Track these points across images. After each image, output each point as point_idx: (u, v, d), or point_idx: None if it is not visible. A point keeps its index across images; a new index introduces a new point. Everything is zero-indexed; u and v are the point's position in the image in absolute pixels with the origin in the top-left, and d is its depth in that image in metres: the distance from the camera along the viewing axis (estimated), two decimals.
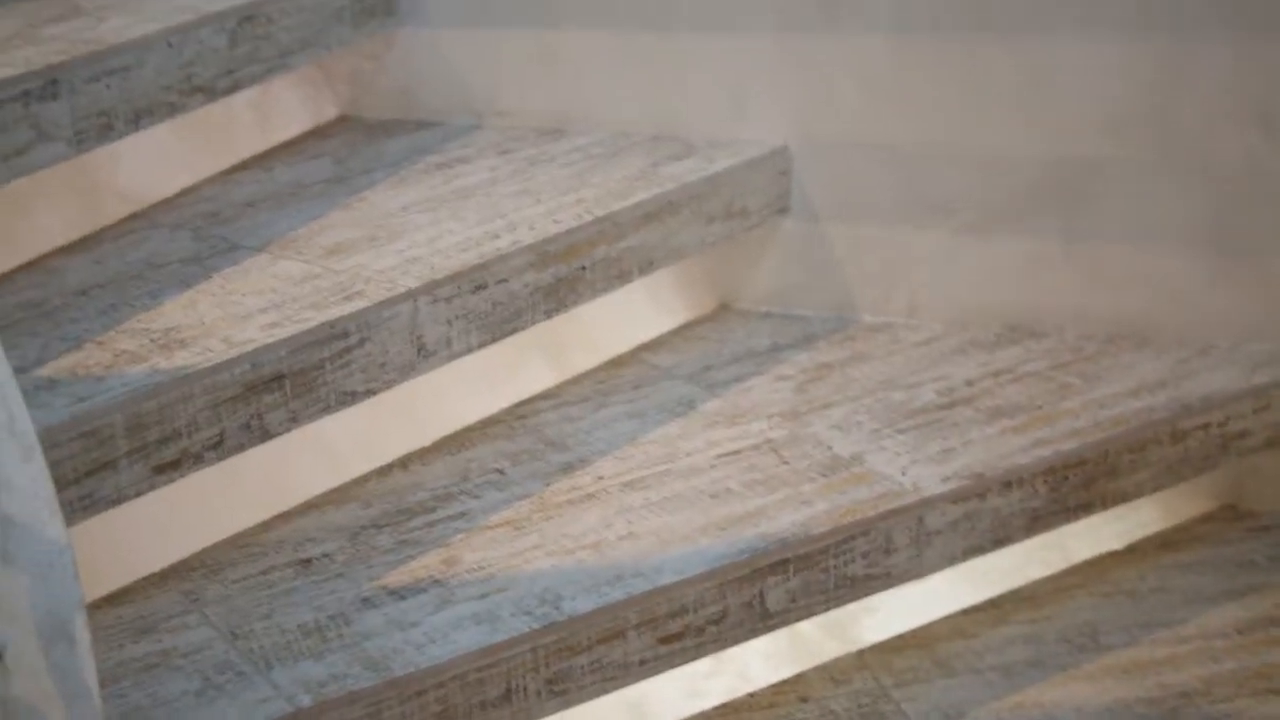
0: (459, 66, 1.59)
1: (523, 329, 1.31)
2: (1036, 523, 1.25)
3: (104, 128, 1.29)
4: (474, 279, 1.26)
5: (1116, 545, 1.36)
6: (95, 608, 1.15)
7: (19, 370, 1.13)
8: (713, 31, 1.46)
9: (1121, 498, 1.28)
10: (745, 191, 1.44)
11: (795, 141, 1.46)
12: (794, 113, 1.45)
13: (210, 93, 1.39)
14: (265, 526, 1.25)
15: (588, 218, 1.34)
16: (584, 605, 1.11)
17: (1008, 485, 1.23)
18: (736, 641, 1.16)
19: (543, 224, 1.33)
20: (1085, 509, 1.27)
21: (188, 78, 1.36)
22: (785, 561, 1.16)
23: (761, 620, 1.16)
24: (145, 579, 1.20)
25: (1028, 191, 1.39)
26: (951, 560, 1.23)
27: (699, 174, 1.42)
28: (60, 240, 1.41)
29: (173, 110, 1.35)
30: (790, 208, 1.48)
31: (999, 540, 1.24)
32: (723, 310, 1.54)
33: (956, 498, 1.21)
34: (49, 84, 1.23)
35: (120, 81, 1.30)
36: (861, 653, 1.25)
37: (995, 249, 1.41)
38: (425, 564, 1.18)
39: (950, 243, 1.43)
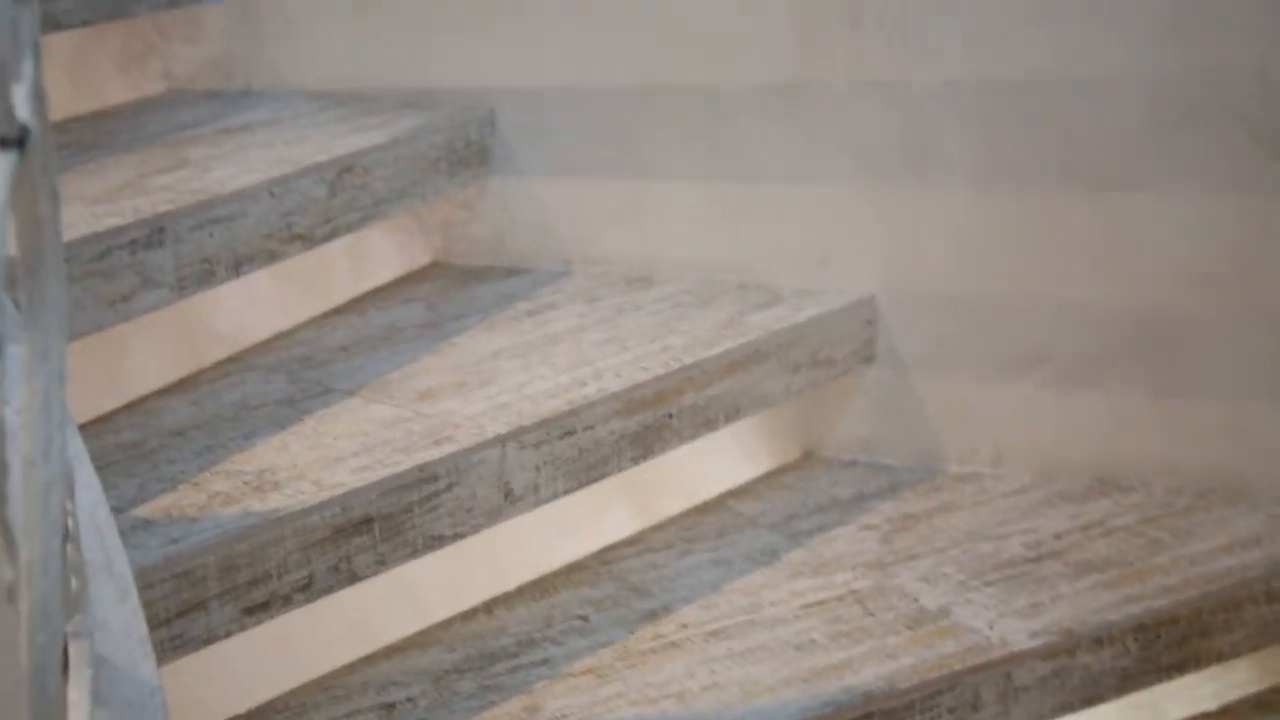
0: (549, 214, 1.63)
1: (609, 475, 1.32)
2: (1128, 681, 1.23)
3: (206, 274, 1.33)
4: (562, 425, 1.28)
5: (1211, 706, 1.33)
6: None
7: (116, 510, 1.15)
8: (799, 183, 1.48)
9: (1216, 657, 1.26)
10: (831, 340, 1.45)
11: (881, 291, 1.47)
12: (880, 262, 1.46)
13: (309, 240, 1.43)
14: (349, 669, 1.25)
15: (675, 365, 1.36)
16: None
17: (1098, 642, 1.21)
18: None
19: (630, 371, 1.35)
20: (1178, 668, 1.25)
21: (288, 226, 1.40)
22: (870, 715, 1.15)
23: None
24: None
25: (1114, 344, 1.38)
26: (1040, 718, 1.21)
27: (785, 323, 1.43)
28: (159, 381, 1.44)
29: (272, 257, 1.39)
30: (876, 356, 1.49)
31: (1089, 699, 1.22)
32: (808, 458, 1.54)
33: (1045, 654, 1.20)
34: (155, 232, 1.28)
35: (223, 230, 1.34)
36: None
37: (1082, 401, 1.41)
38: (508, 710, 1.18)
39: (1037, 394, 1.42)
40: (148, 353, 1.46)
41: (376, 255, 1.68)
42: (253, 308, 1.55)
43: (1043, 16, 1.33)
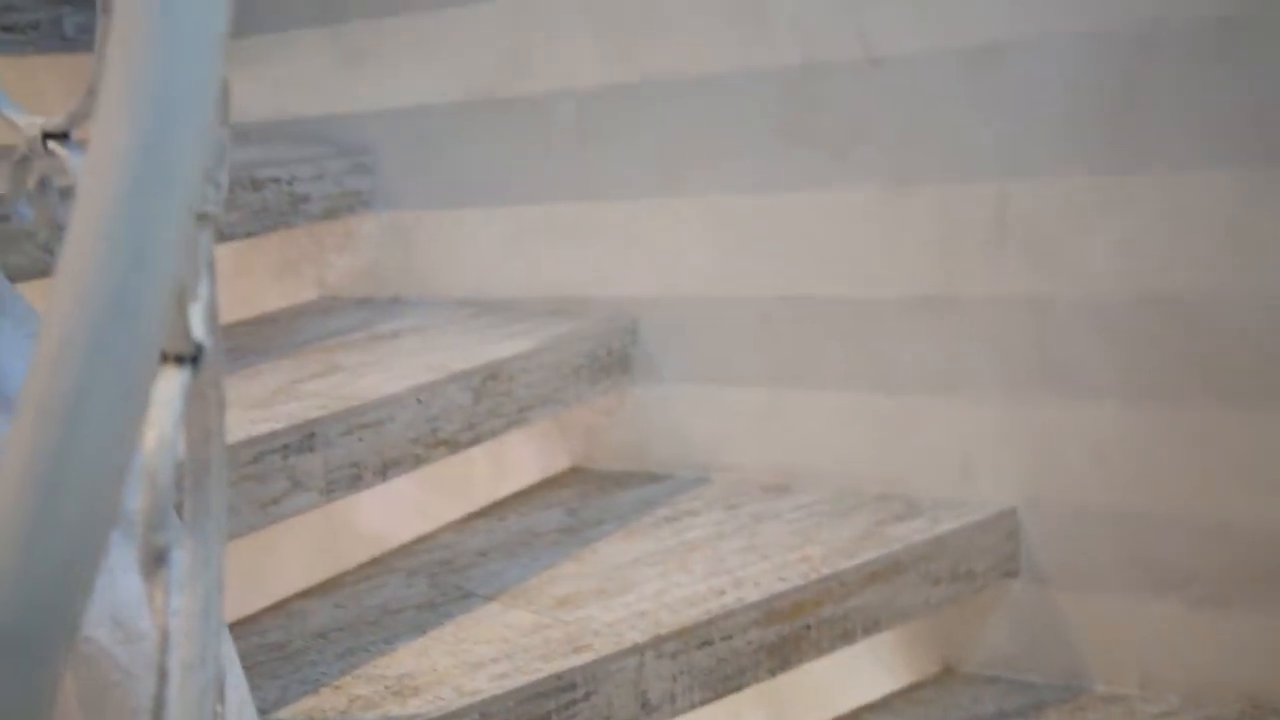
0: (689, 421, 1.64)
1: (745, 686, 1.31)
2: None
3: (353, 478, 1.36)
4: (700, 635, 1.27)
5: None
6: None
7: (261, 712, 1.16)
8: (940, 393, 1.48)
9: None
10: (972, 554, 1.44)
11: (1024, 504, 1.45)
12: (1022, 475, 1.45)
13: (453, 445, 1.45)
14: None
15: (813, 576, 1.35)
16: None
17: None
18: None
19: (768, 581, 1.34)
20: None
21: (433, 431, 1.43)
22: None
23: None
24: None
25: (1265, 564, 1.35)
26: None
27: (925, 534, 1.42)
28: (303, 582, 1.47)
29: (417, 462, 1.42)
30: (1019, 571, 1.46)
31: None
32: (947, 673, 1.51)
33: None
34: (307, 438, 1.31)
35: (371, 435, 1.37)
36: None
37: (1232, 622, 1.37)
38: None
39: (1185, 614, 1.39)
40: (293, 553, 1.48)
41: (517, 459, 1.71)
42: (395, 510, 1.58)
43: (1188, 233, 1.33)
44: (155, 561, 0.50)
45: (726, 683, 1.29)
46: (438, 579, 1.44)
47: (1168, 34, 1.31)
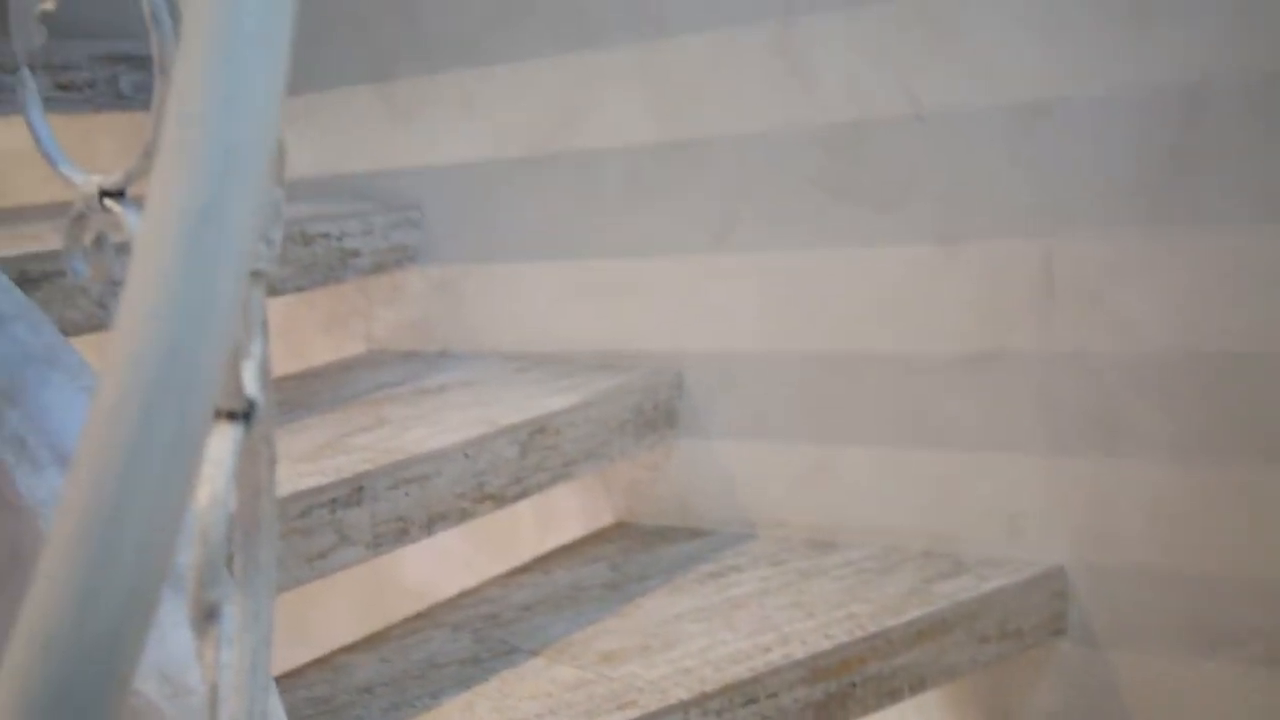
0: (734, 476, 1.64)
1: None
2: None
3: (400, 532, 1.36)
4: (745, 692, 1.27)
5: None
6: None
7: None
8: (987, 450, 1.47)
9: None
10: (1020, 612, 1.42)
11: (1072, 563, 1.44)
12: (1071, 533, 1.44)
13: (499, 500, 1.46)
14: None
15: (860, 634, 1.34)
16: None
17: None
18: None
19: (814, 638, 1.34)
20: None
21: (479, 486, 1.43)
22: None
23: None
24: None
25: None
26: None
27: (972, 592, 1.41)
28: (348, 636, 1.47)
29: (463, 516, 1.42)
30: (1067, 630, 1.45)
31: None
32: None
33: None
34: (354, 492, 1.32)
35: (418, 489, 1.38)
36: None
37: None
38: None
39: (1239, 674, 1.37)
40: (339, 607, 1.49)
41: (562, 514, 1.71)
42: (440, 564, 1.58)
43: (1239, 290, 1.33)
44: (207, 617, 0.50)
45: None
46: (483, 633, 1.44)
47: (1216, 90, 1.31)
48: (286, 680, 1.37)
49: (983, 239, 1.45)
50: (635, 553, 1.62)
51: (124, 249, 0.93)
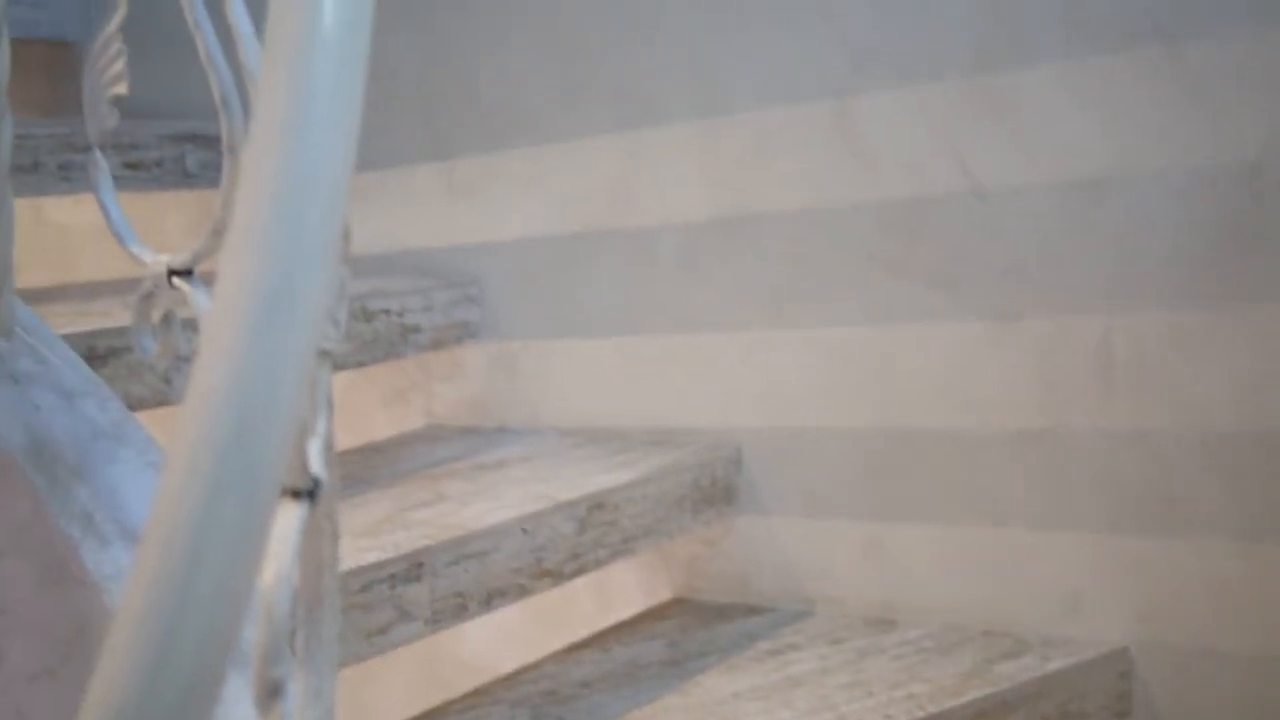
0: (792, 553, 1.63)
1: None
2: None
3: (459, 608, 1.36)
4: None
5: None
6: None
7: None
8: (1047, 528, 1.46)
9: None
10: (1082, 693, 1.41)
11: (1136, 643, 1.42)
12: (1134, 613, 1.42)
13: (557, 576, 1.46)
14: None
15: (920, 714, 1.33)
16: None
17: None
18: None
19: (873, 719, 1.32)
20: None
21: (537, 561, 1.44)
22: None
23: None
24: None
25: None
26: None
27: (1034, 673, 1.39)
28: (405, 711, 1.47)
29: (522, 592, 1.42)
30: (1131, 711, 1.43)
31: None
32: None
33: None
34: (414, 567, 1.32)
35: (476, 565, 1.38)
36: None
37: None
38: None
39: None
40: (397, 681, 1.49)
41: (620, 590, 1.70)
42: (498, 640, 1.58)
43: None
44: (271, 695, 0.50)
45: None
46: (541, 711, 1.44)
47: (1274, 165, 1.31)
48: None
49: (1041, 316, 1.45)
50: (693, 630, 1.61)
51: (190, 325, 0.94)
